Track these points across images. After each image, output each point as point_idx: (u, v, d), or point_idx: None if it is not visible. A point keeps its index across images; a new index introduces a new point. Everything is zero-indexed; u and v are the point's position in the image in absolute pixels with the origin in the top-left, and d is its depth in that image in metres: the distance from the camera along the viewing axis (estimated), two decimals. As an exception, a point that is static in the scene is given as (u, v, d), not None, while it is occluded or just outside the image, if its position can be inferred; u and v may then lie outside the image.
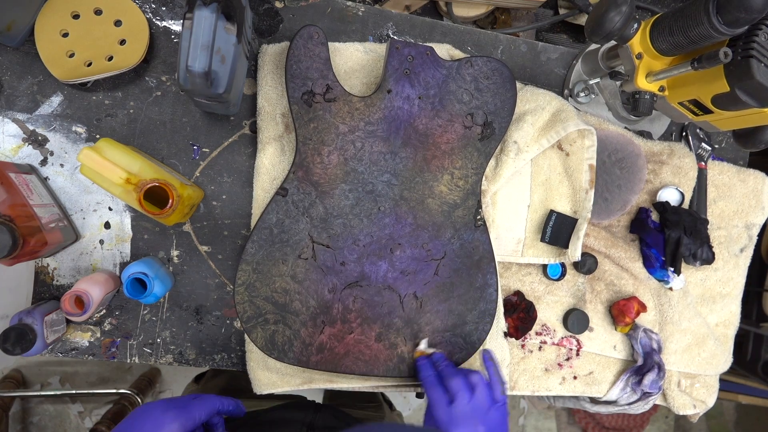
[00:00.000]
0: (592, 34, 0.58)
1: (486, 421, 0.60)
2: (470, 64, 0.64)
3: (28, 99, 0.64)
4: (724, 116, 0.62)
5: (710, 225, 0.80)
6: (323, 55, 0.61)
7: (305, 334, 0.63)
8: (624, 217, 0.78)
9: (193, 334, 0.69)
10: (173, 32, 0.66)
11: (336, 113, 0.62)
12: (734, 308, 0.84)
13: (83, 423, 1.59)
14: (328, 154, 0.62)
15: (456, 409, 0.59)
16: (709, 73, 0.58)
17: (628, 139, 0.75)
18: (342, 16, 0.69)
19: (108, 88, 0.65)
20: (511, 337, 0.74)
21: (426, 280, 0.65)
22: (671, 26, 0.57)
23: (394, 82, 0.63)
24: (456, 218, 0.65)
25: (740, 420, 2.11)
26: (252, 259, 0.62)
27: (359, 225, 0.64)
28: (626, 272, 0.77)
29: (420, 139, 0.64)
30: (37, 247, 0.57)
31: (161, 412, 0.50)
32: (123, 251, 0.67)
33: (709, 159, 0.81)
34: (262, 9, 0.68)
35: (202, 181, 0.68)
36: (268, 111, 0.65)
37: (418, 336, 0.65)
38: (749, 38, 0.54)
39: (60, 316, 0.64)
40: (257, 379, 0.67)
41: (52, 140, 0.64)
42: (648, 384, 0.74)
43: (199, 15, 0.51)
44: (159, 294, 0.61)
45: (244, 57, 0.62)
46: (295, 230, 0.62)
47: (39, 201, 0.60)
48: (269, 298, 0.62)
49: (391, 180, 0.64)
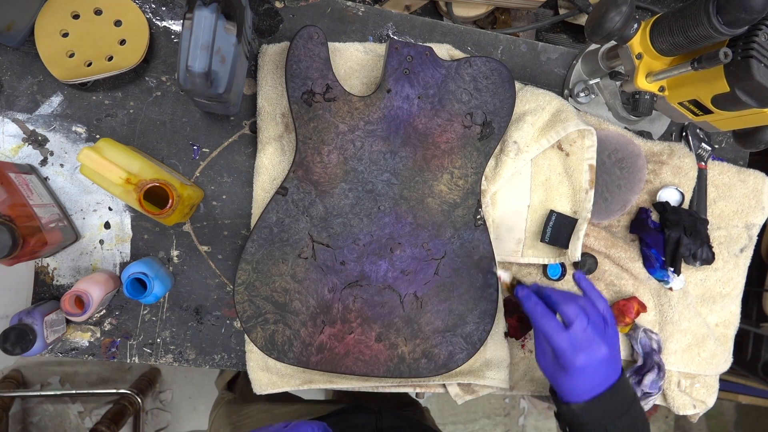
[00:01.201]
0: (592, 34, 0.58)
1: (607, 341, 0.58)
2: (469, 64, 0.64)
3: (28, 99, 0.64)
4: (724, 116, 0.62)
5: (710, 225, 0.80)
6: (323, 54, 0.62)
7: (305, 334, 0.63)
8: (624, 217, 0.78)
9: (193, 334, 0.69)
10: (173, 32, 0.66)
11: (336, 113, 0.62)
12: (734, 308, 0.84)
13: (83, 423, 1.59)
14: (328, 153, 0.62)
15: (576, 334, 0.56)
16: (709, 74, 0.58)
17: (628, 139, 0.75)
18: (342, 16, 0.69)
19: (108, 88, 0.65)
20: (511, 337, 0.74)
21: (426, 279, 0.65)
22: (671, 26, 0.57)
23: (393, 81, 0.63)
24: (456, 218, 0.65)
25: (740, 420, 2.11)
26: (252, 259, 0.62)
27: (359, 224, 0.64)
28: (626, 272, 0.77)
29: (419, 138, 0.64)
30: (37, 247, 0.57)
31: None
32: (123, 251, 0.67)
33: (709, 159, 0.81)
34: (262, 9, 0.68)
35: (202, 181, 0.68)
36: (268, 111, 0.66)
37: (418, 336, 0.65)
38: (749, 38, 0.54)
39: (60, 316, 0.64)
40: (257, 379, 0.67)
41: (52, 140, 0.64)
42: (648, 384, 0.74)
43: (199, 15, 0.51)
44: (159, 294, 0.61)
45: (244, 57, 0.62)
46: (295, 229, 0.62)
47: (39, 201, 0.60)
48: (269, 297, 0.62)
49: (390, 179, 0.64)
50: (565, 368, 0.57)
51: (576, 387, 0.57)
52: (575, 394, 0.58)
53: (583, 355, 0.56)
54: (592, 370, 0.57)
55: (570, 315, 0.57)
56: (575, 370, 0.56)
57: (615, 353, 0.59)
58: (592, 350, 0.56)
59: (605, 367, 0.57)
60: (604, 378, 0.58)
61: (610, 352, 0.57)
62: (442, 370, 0.66)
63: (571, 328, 0.56)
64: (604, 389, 0.58)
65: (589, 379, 0.57)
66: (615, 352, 0.59)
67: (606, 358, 0.57)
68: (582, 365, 0.56)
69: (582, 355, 0.56)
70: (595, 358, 0.56)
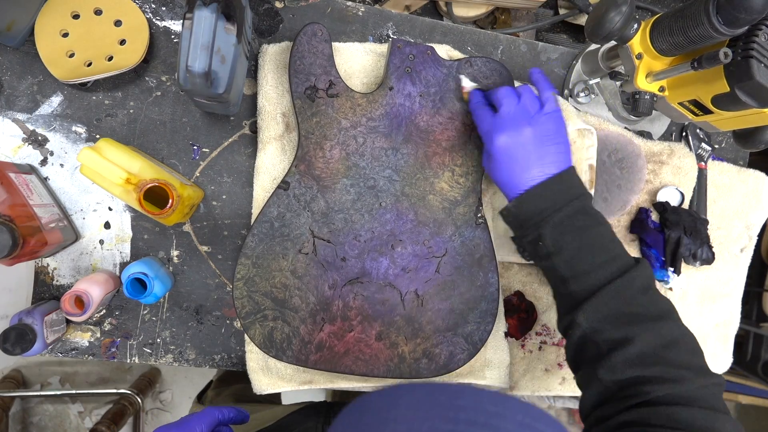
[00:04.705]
0: (592, 34, 0.58)
1: (533, 124, 0.54)
2: (470, 64, 0.65)
3: (28, 99, 0.64)
4: (724, 116, 0.62)
5: (710, 225, 0.80)
6: (326, 51, 0.62)
7: (304, 331, 0.63)
8: (624, 217, 0.78)
9: (193, 334, 0.69)
10: (173, 32, 0.66)
11: (338, 108, 0.62)
12: (734, 308, 0.84)
13: (83, 423, 1.59)
14: (330, 148, 0.62)
15: (499, 116, 0.54)
16: (709, 74, 0.58)
17: (628, 139, 0.75)
18: (342, 16, 0.69)
19: (108, 88, 0.65)
20: (511, 337, 0.74)
21: (427, 277, 0.65)
22: (671, 26, 0.57)
23: (395, 79, 0.63)
24: (457, 215, 0.65)
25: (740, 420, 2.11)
26: (252, 253, 0.62)
27: (360, 220, 0.64)
28: (626, 272, 0.77)
29: (421, 135, 0.64)
30: (37, 247, 0.57)
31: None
32: (123, 251, 0.67)
33: (709, 159, 0.81)
34: (262, 9, 0.68)
35: (202, 181, 0.68)
36: (268, 111, 0.66)
37: (418, 335, 0.65)
38: (749, 38, 0.54)
39: (60, 316, 0.64)
40: (257, 379, 0.67)
41: (52, 140, 0.64)
42: (648, 384, 0.74)
43: (199, 15, 0.51)
44: (159, 294, 0.61)
45: (244, 57, 0.62)
46: (296, 224, 0.62)
47: (39, 201, 0.60)
48: (268, 293, 0.62)
49: (392, 176, 0.64)
50: (489, 153, 0.54)
51: (504, 176, 0.55)
52: (509, 185, 0.55)
53: (502, 135, 0.53)
54: (518, 154, 0.53)
55: (497, 99, 0.55)
56: (497, 151, 0.54)
57: (549, 139, 0.54)
58: (512, 128, 0.53)
59: (535, 154, 0.54)
60: (537, 168, 0.54)
61: (538, 134, 0.54)
62: (443, 371, 0.66)
63: (498, 112, 0.55)
64: (538, 182, 0.54)
65: (517, 165, 0.54)
66: (549, 138, 0.54)
67: (532, 141, 0.54)
68: (502, 146, 0.54)
69: (501, 135, 0.53)
70: (518, 139, 0.53)
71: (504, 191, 0.57)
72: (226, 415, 0.54)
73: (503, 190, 0.57)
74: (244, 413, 0.56)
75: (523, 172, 0.54)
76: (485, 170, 0.58)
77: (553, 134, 0.55)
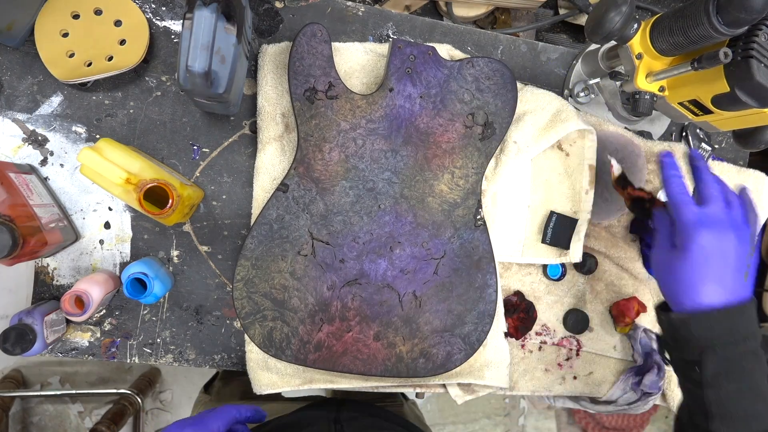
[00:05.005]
0: (592, 34, 0.58)
1: (740, 235, 0.48)
2: (471, 64, 0.64)
3: (28, 99, 0.64)
4: (724, 116, 0.62)
5: (710, 225, 0.80)
6: (326, 52, 0.62)
7: (303, 331, 0.63)
8: (624, 217, 0.78)
9: (193, 334, 0.69)
10: (173, 32, 0.66)
11: (338, 110, 0.62)
12: (735, 309, 0.83)
13: (83, 423, 1.59)
14: (329, 150, 0.62)
15: (707, 213, 0.48)
16: (709, 74, 0.58)
17: (628, 139, 0.75)
18: (342, 16, 0.69)
19: (108, 88, 0.65)
20: (511, 337, 0.74)
21: (425, 279, 0.65)
22: (671, 26, 0.57)
23: (396, 80, 0.63)
24: (456, 217, 0.65)
25: (740, 420, 2.11)
26: (251, 255, 0.62)
27: (359, 222, 0.64)
28: (626, 272, 0.77)
29: (421, 137, 0.64)
30: (37, 247, 0.57)
31: (177, 429, 0.49)
32: (123, 251, 0.67)
33: (709, 159, 0.81)
34: (262, 9, 0.68)
35: (202, 181, 0.68)
36: (268, 111, 0.66)
37: (416, 336, 0.65)
38: (749, 38, 0.54)
39: (60, 316, 0.64)
40: (257, 379, 0.67)
41: (52, 140, 0.64)
42: (648, 384, 0.74)
43: (199, 15, 0.51)
44: (159, 294, 0.61)
45: (244, 57, 0.62)
46: (295, 226, 0.63)
47: (39, 201, 0.60)
48: (268, 294, 0.62)
49: (391, 178, 0.64)
50: (684, 247, 0.48)
51: (691, 278, 0.48)
52: (682, 289, 0.48)
53: (708, 232, 0.47)
54: (715, 258, 0.47)
55: (706, 194, 0.49)
56: (695, 247, 0.47)
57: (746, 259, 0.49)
58: (721, 232, 0.47)
59: (732, 266, 0.47)
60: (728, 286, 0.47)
61: (741, 249, 0.48)
62: (440, 370, 0.66)
63: (704, 206, 0.49)
64: (721, 305, 0.47)
65: (710, 272, 0.47)
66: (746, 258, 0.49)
67: (735, 251, 0.47)
68: (704, 244, 0.47)
69: (707, 232, 0.47)
70: (722, 242, 0.47)
71: (670, 288, 0.51)
72: (244, 414, 0.54)
73: (668, 285, 0.51)
74: (261, 413, 0.56)
75: (711, 284, 0.48)
76: (653, 262, 0.52)
77: (747, 247, 0.50)
